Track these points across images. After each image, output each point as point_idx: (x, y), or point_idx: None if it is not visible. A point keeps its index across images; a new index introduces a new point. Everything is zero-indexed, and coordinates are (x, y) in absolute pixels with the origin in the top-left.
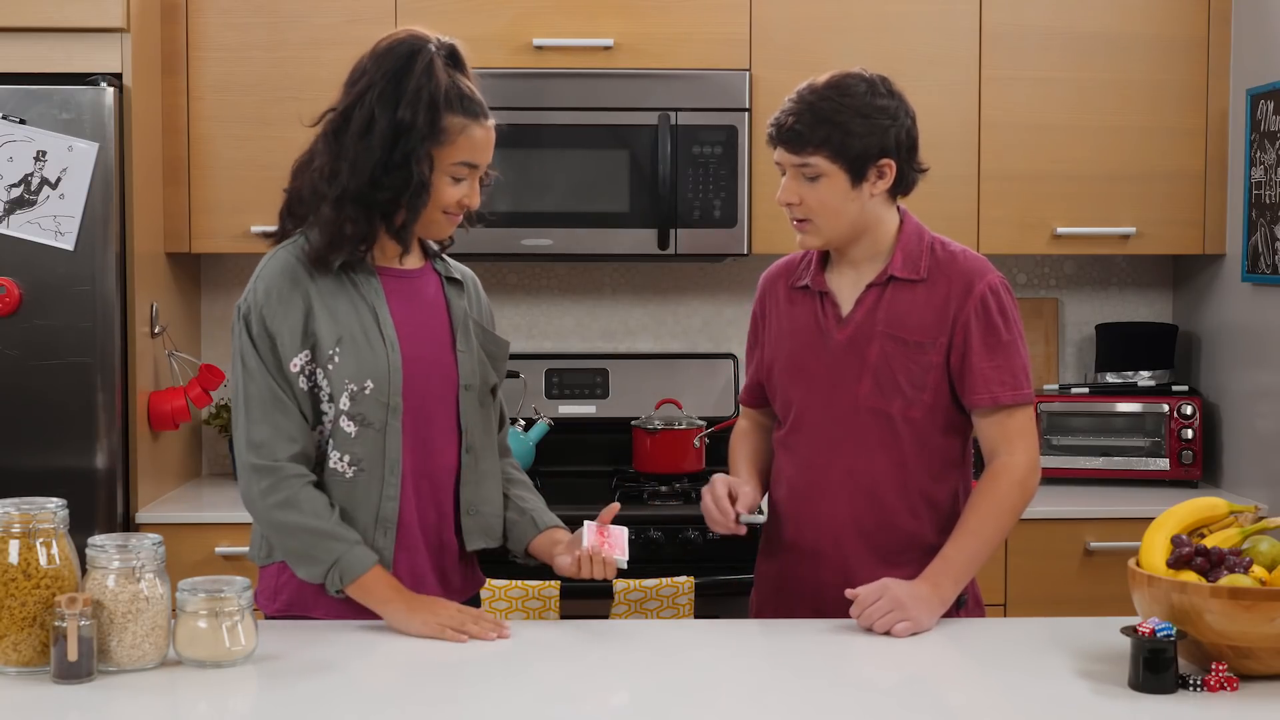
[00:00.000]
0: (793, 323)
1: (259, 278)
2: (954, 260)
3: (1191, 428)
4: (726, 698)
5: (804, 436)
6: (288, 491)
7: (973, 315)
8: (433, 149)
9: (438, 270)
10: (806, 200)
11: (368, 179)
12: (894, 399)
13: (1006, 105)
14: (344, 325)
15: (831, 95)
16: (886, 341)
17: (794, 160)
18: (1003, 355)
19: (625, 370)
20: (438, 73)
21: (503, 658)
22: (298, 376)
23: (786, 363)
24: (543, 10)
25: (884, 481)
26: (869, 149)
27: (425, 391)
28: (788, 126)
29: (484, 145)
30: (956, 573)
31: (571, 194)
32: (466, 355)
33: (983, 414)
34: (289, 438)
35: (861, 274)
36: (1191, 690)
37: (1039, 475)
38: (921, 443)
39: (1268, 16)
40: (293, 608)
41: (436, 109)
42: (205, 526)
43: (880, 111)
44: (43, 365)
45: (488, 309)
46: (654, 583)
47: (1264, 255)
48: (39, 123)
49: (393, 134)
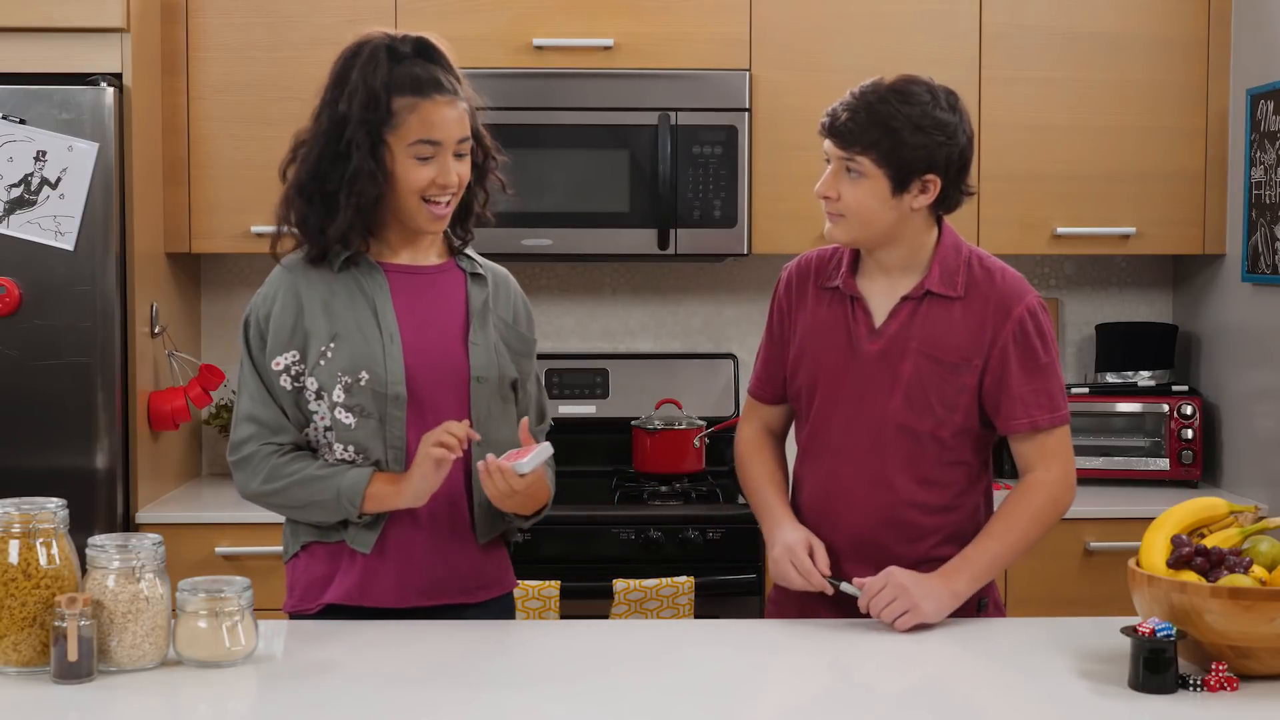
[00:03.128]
0: (822, 324)
1: (264, 284)
2: (991, 280)
3: (1191, 428)
4: (727, 698)
5: (828, 445)
6: (264, 468)
7: (1011, 340)
8: (388, 135)
9: (462, 267)
10: (845, 197)
11: (314, 170)
12: (925, 418)
13: (1006, 105)
14: (340, 322)
15: (892, 99)
16: (921, 360)
17: (840, 155)
18: (1040, 379)
19: (625, 370)
20: (380, 63)
21: (503, 658)
22: (280, 374)
23: (814, 366)
24: (543, 10)
25: (906, 496)
26: (917, 161)
27: (433, 382)
28: (841, 120)
29: (437, 121)
30: (974, 571)
31: (571, 194)
32: (479, 348)
33: (1021, 438)
34: (264, 428)
35: (895, 282)
36: (1191, 690)
37: (1074, 494)
38: (946, 461)
39: (1268, 16)
40: (305, 599)
41: (377, 95)
42: (205, 526)
43: (938, 126)
44: (43, 365)
45: (520, 304)
46: (654, 583)
47: (1264, 255)
48: (39, 123)
49: (335, 126)
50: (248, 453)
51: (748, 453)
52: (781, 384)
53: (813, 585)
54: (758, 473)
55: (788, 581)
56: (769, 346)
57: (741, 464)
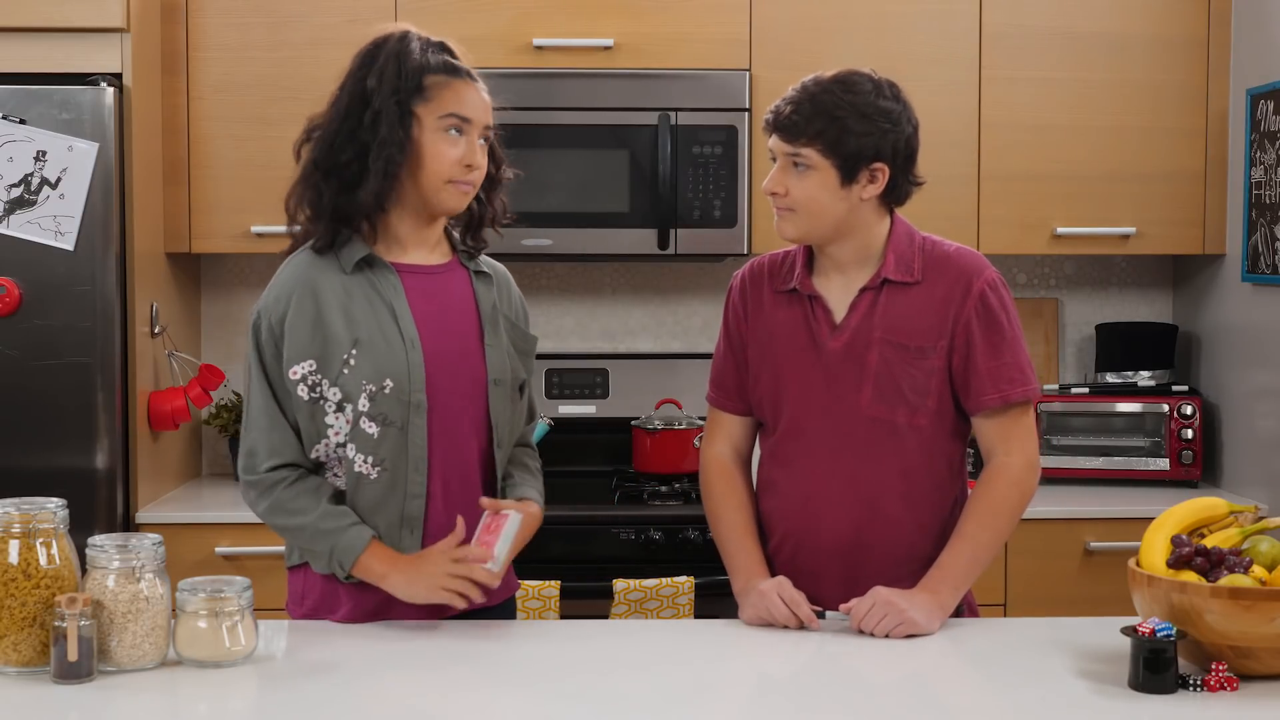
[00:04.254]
0: (781, 327)
1: (272, 284)
2: (948, 260)
3: (1191, 428)
4: (726, 698)
5: (800, 447)
6: (272, 497)
7: (973, 314)
8: (418, 108)
9: (465, 265)
10: (793, 192)
11: (332, 144)
12: (898, 407)
13: (1006, 105)
14: (360, 327)
15: (835, 90)
16: (886, 348)
17: (786, 149)
18: (1008, 352)
19: (625, 370)
20: (410, 47)
21: (503, 658)
22: (297, 384)
23: (776, 370)
24: (543, 10)
25: (887, 491)
26: (864, 150)
27: (451, 388)
28: (785, 115)
29: (468, 99)
30: (955, 579)
31: (571, 194)
32: (495, 350)
33: (987, 414)
34: (273, 450)
35: (851, 278)
36: (1191, 690)
37: (1038, 474)
38: (928, 450)
39: (1268, 16)
40: (319, 610)
41: (408, 70)
42: (205, 526)
43: (882, 114)
44: (43, 365)
45: (519, 304)
46: (654, 583)
47: (1264, 255)
48: (39, 123)
49: (359, 101)
50: (254, 479)
51: (719, 488)
52: (743, 392)
53: (800, 615)
54: (732, 518)
55: (772, 616)
56: (727, 355)
57: (711, 498)
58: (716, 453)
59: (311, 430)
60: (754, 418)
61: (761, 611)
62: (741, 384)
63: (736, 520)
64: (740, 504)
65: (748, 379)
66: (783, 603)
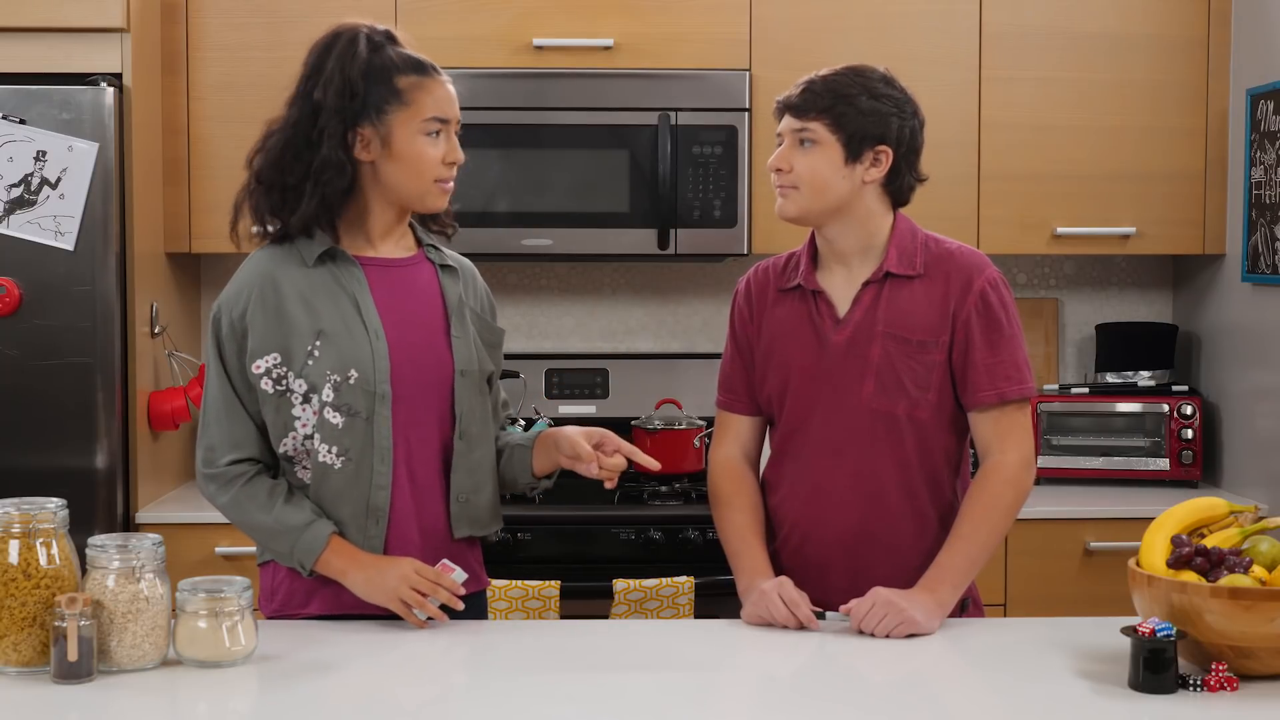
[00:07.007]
0: (786, 324)
1: (233, 280)
2: (950, 256)
3: (1191, 428)
4: (726, 698)
5: (807, 440)
6: (231, 492)
7: (974, 311)
8: (396, 113)
9: (431, 259)
10: (797, 168)
11: (277, 160)
12: (899, 400)
13: (1006, 105)
14: (323, 318)
15: (846, 74)
16: (888, 341)
17: (795, 125)
18: (1006, 349)
19: (625, 370)
20: (358, 52)
21: (502, 657)
22: (261, 378)
23: (783, 367)
24: (543, 10)
25: (890, 485)
26: (869, 129)
27: (416, 379)
28: (796, 94)
29: (444, 98)
30: (953, 578)
31: (571, 194)
32: (461, 341)
33: (982, 410)
34: (234, 444)
35: (854, 272)
36: (1191, 690)
37: (1034, 471)
38: (926, 444)
39: (1268, 16)
40: (288, 606)
41: (353, 84)
42: (205, 526)
43: (889, 99)
44: (43, 365)
45: (486, 297)
46: (654, 583)
47: (1264, 255)
48: (39, 123)
49: (308, 116)
50: (214, 472)
51: (726, 489)
52: (752, 394)
53: (799, 616)
54: (738, 518)
55: (771, 616)
56: (735, 357)
57: (718, 498)
58: (725, 454)
59: (278, 423)
60: (762, 418)
61: (761, 611)
62: (750, 385)
63: (742, 520)
64: (746, 504)
65: (755, 379)
66: (782, 603)
